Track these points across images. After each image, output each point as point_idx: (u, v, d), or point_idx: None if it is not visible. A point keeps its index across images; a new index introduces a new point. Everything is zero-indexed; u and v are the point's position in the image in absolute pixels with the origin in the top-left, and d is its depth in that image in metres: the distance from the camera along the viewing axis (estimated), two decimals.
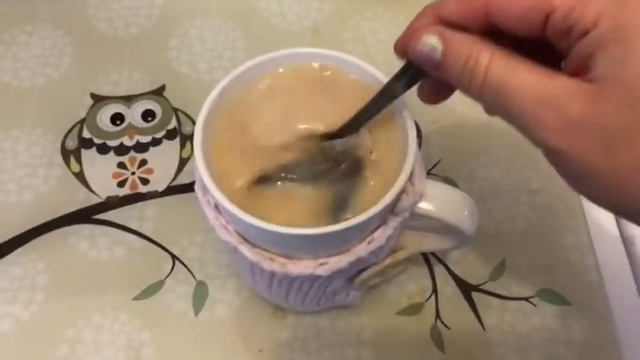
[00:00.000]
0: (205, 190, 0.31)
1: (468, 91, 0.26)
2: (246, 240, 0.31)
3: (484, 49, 0.25)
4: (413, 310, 0.41)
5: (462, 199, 0.32)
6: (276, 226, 0.28)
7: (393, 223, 0.31)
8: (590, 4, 0.23)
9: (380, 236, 0.31)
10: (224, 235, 0.31)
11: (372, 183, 0.31)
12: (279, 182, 0.31)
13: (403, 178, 0.29)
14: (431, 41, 0.26)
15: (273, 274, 0.32)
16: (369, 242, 0.31)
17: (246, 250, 0.31)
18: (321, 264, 0.31)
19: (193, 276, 0.42)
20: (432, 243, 0.35)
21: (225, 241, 0.31)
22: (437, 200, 0.32)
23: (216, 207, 0.31)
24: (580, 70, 0.24)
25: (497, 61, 0.25)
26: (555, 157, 0.25)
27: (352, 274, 0.34)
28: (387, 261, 0.34)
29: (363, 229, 0.30)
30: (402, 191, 0.30)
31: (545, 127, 0.24)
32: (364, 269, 0.34)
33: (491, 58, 0.25)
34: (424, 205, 0.31)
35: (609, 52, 0.23)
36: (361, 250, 0.31)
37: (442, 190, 0.32)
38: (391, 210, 0.30)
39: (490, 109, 0.29)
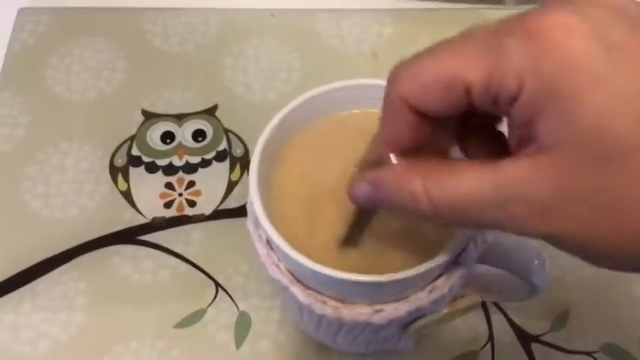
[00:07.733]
0: (257, 224, 0.29)
1: (424, 219, 0.23)
2: (298, 280, 0.29)
3: (413, 177, 0.23)
4: (467, 358, 0.38)
5: (531, 248, 0.30)
6: (333, 270, 0.26)
7: (458, 272, 0.28)
8: (506, 66, 0.20)
9: (442, 285, 0.28)
10: (275, 274, 0.29)
11: None
12: None
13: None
14: (363, 189, 0.25)
15: (323, 315, 0.30)
16: (430, 291, 0.28)
17: (297, 292, 0.29)
18: (376, 311, 0.29)
19: (236, 306, 0.40)
20: (496, 293, 0.33)
21: (276, 279, 0.29)
22: (504, 249, 0.29)
23: (269, 243, 0.30)
24: (524, 141, 0.21)
25: (431, 182, 0.22)
26: (553, 242, 0.21)
27: (409, 321, 0.32)
28: (447, 309, 0.32)
29: (423, 278, 0.28)
30: (470, 239, 0.28)
31: (522, 223, 0.21)
32: (421, 316, 0.31)
33: (424, 182, 0.22)
34: (491, 255, 0.29)
35: (548, 115, 0.19)
36: (421, 299, 0.28)
37: (509, 238, 0.30)
38: (455, 260, 0.28)
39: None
